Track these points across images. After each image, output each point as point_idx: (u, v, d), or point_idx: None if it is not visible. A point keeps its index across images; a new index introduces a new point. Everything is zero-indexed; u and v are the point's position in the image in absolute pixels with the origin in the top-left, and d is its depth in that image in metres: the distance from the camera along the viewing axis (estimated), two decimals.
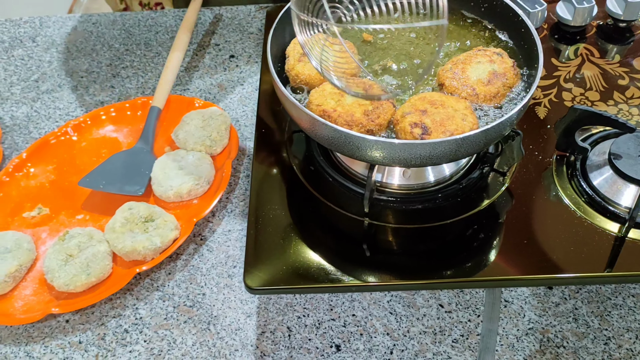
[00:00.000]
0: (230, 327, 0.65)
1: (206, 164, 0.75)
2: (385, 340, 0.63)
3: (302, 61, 0.63)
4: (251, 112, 0.85)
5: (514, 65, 0.61)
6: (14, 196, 0.76)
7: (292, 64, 0.65)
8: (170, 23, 1.00)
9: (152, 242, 0.68)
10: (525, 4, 0.79)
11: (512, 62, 0.61)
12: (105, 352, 0.64)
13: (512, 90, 0.61)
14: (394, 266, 0.62)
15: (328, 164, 0.68)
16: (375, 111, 0.57)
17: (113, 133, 0.83)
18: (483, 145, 0.56)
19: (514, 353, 0.61)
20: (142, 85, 0.91)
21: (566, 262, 0.59)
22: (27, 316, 0.65)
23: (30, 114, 0.88)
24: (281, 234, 0.63)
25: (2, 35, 1.00)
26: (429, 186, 0.66)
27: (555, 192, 0.64)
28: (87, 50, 0.96)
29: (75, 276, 0.65)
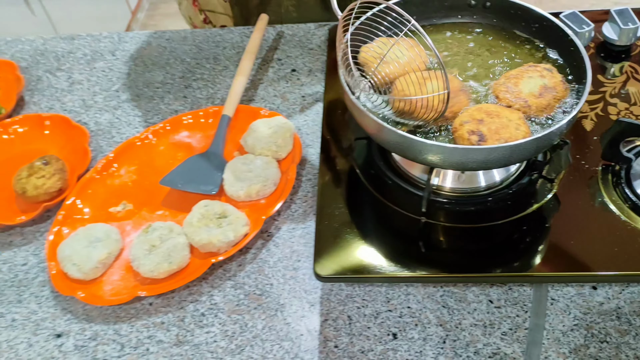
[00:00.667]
0: (295, 314, 0.71)
1: (273, 167, 0.83)
2: (439, 331, 0.68)
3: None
4: (312, 121, 0.92)
5: (563, 80, 0.67)
6: (101, 193, 0.84)
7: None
8: (237, 39, 1.08)
9: (225, 236, 0.75)
10: (573, 24, 0.84)
11: (561, 77, 0.67)
12: (184, 332, 0.71)
13: (562, 103, 0.67)
14: (447, 262, 0.68)
15: (387, 168, 0.74)
16: (452, 100, 0.64)
17: (187, 138, 0.91)
18: (534, 152, 0.61)
19: (560, 346, 0.66)
20: (212, 95, 0.99)
21: (610, 262, 0.63)
22: (116, 298, 0.73)
23: (112, 120, 0.97)
24: (345, 229, 0.70)
25: (85, 49, 1.10)
26: (481, 190, 0.72)
27: (601, 199, 0.69)
28: (161, 63, 1.06)
29: (158, 264, 0.73)
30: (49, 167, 0.83)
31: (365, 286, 0.72)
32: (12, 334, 0.73)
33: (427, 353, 0.66)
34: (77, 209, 0.82)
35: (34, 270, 0.79)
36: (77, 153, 0.89)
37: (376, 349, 0.67)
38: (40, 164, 0.84)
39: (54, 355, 0.70)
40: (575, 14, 0.86)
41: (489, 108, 0.64)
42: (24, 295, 0.76)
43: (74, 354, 0.70)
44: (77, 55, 1.09)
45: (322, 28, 1.07)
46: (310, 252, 0.76)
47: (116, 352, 0.70)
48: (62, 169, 0.84)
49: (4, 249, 0.82)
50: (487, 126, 0.62)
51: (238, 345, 0.69)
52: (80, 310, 0.74)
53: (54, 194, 0.83)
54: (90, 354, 0.70)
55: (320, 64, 1.01)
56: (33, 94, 1.03)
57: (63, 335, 0.72)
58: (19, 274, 0.79)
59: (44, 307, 0.75)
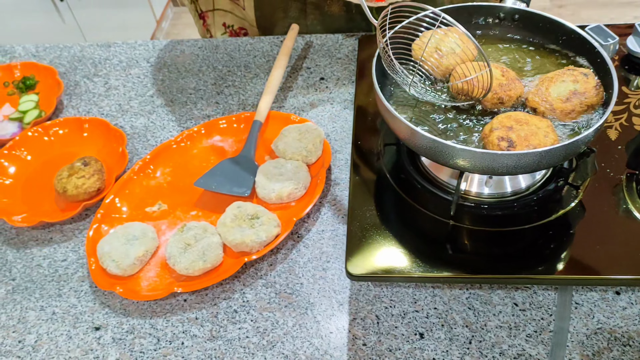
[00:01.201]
0: (325, 312, 0.74)
1: (303, 171, 0.85)
2: (465, 332, 0.70)
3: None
4: (340, 128, 0.95)
5: (597, 85, 0.69)
6: (137, 193, 0.88)
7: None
8: (267, 48, 1.12)
9: (258, 236, 0.77)
10: (598, 37, 0.87)
11: (596, 82, 0.69)
12: (218, 327, 0.74)
13: (590, 109, 0.69)
14: (473, 264, 0.70)
15: (417, 173, 0.77)
16: (509, 85, 0.69)
17: (220, 142, 0.94)
18: (562, 158, 0.64)
19: (584, 349, 0.67)
20: (243, 102, 1.02)
21: (634, 267, 0.65)
22: (152, 294, 0.76)
23: (147, 124, 1.00)
24: (375, 230, 0.72)
25: (120, 56, 1.14)
26: (507, 196, 0.74)
27: (625, 206, 0.71)
28: (194, 70, 1.09)
29: (193, 262, 0.76)
30: (89, 167, 0.87)
31: (393, 287, 0.74)
32: (53, 327, 0.76)
33: (454, 353, 0.68)
34: (115, 207, 0.85)
35: (74, 266, 0.82)
36: (114, 155, 0.93)
37: (403, 347, 0.69)
38: (80, 164, 0.87)
39: (93, 347, 0.73)
40: (601, 27, 0.88)
41: (518, 116, 0.66)
42: (63, 290, 0.80)
43: (111, 347, 0.73)
44: (113, 61, 1.13)
45: (350, 38, 1.10)
46: (339, 253, 0.79)
47: (152, 345, 0.73)
48: (101, 170, 0.88)
49: (45, 245, 0.85)
50: (517, 133, 0.64)
51: (269, 341, 0.72)
52: (118, 305, 0.77)
53: (92, 194, 0.86)
54: (128, 346, 0.73)
55: (348, 73, 1.04)
56: (71, 98, 1.07)
57: (101, 328, 0.75)
58: (59, 269, 0.82)
59: (82, 301, 0.78)
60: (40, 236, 0.86)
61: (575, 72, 0.70)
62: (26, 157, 0.95)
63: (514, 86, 0.70)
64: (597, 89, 0.69)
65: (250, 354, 0.71)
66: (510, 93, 0.67)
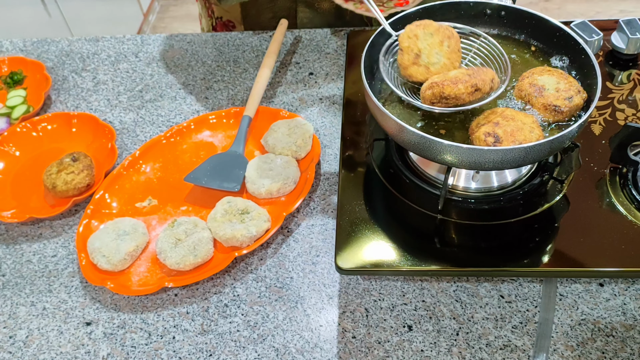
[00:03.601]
0: (315, 306, 0.74)
1: (293, 166, 0.86)
2: (452, 324, 0.71)
3: (416, 64, 0.73)
4: (329, 123, 0.96)
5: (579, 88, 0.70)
6: (128, 188, 0.88)
7: (407, 64, 0.74)
8: (256, 43, 1.12)
9: (248, 231, 0.78)
10: (583, 33, 0.88)
11: (577, 84, 0.70)
12: (209, 321, 0.74)
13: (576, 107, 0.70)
14: (460, 257, 0.71)
15: (405, 167, 0.78)
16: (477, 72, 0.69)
17: (209, 138, 0.95)
18: (547, 153, 0.65)
19: (568, 339, 0.69)
20: (232, 97, 1.03)
21: (617, 259, 0.67)
22: (143, 289, 0.76)
23: (136, 119, 1.00)
24: (364, 225, 0.73)
25: (109, 51, 1.14)
26: (494, 190, 0.75)
27: (609, 199, 0.73)
28: (183, 65, 1.09)
29: (184, 257, 0.76)
30: (78, 163, 0.87)
31: (382, 280, 0.75)
32: (43, 322, 0.76)
33: (441, 344, 0.70)
34: (105, 203, 0.86)
35: (64, 262, 0.82)
36: (103, 150, 0.93)
37: (392, 339, 0.70)
38: (69, 160, 0.87)
39: (84, 342, 0.74)
40: (585, 24, 0.90)
41: (504, 112, 0.67)
42: (54, 285, 0.80)
43: (103, 341, 0.74)
44: (101, 56, 1.13)
45: (338, 33, 1.11)
46: (329, 247, 0.80)
47: (143, 339, 0.73)
48: (90, 166, 0.88)
49: (34, 241, 0.85)
50: (503, 129, 0.65)
51: (260, 334, 0.72)
52: (109, 300, 0.78)
53: (82, 189, 0.86)
54: (119, 341, 0.73)
55: (337, 68, 1.04)
56: (59, 93, 1.06)
57: (92, 323, 0.76)
58: (49, 265, 0.82)
59: (73, 297, 0.78)
60: (30, 232, 0.86)
61: (555, 72, 0.71)
62: (14, 152, 0.95)
63: (483, 71, 0.70)
64: (579, 90, 0.70)
65: (241, 347, 0.71)
66: (482, 77, 0.68)
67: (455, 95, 0.67)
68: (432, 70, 0.73)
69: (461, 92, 0.67)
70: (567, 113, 0.69)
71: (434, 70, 0.73)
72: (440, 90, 0.67)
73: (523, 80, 0.72)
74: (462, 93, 0.67)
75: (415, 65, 0.73)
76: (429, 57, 0.72)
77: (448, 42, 0.73)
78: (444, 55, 0.73)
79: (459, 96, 0.67)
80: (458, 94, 0.67)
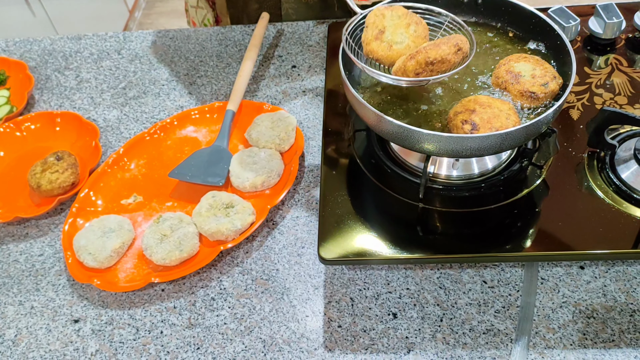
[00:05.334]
0: (301, 297, 0.75)
1: (277, 159, 0.87)
2: (436, 310, 0.72)
3: (379, 40, 0.72)
4: (312, 115, 0.96)
5: (555, 74, 0.71)
6: (112, 186, 0.88)
7: (369, 39, 0.73)
8: (238, 38, 1.12)
9: (233, 225, 0.79)
10: (560, 19, 0.89)
11: (553, 70, 0.71)
12: (196, 315, 0.75)
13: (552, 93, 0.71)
14: (443, 244, 0.72)
15: (386, 157, 0.78)
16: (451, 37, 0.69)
17: (193, 133, 0.95)
18: (524, 139, 0.66)
19: (550, 322, 0.70)
20: (216, 91, 1.03)
21: (596, 241, 0.68)
22: (130, 285, 0.77)
23: (120, 116, 1.01)
24: (347, 215, 0.74)
25: (91, 49, 1.14)
26: (474, 177, 0.76)
27: (587, 183, 0.74)
28: (166, 61, 1.09)
29: (170, 252, 0.77)
30: (62, 162, 0.87)
31: (367, 269, 0.76)
32: (32, 321, 0.77)
33: (426, 331, 0.71)
34: (90, 201, 0.86)
35: (50, 260, 0.83)
36: (88, 148, 0.93)
37: (377, 327, 0.71)
38: (54, 159, 0.87)
39: (72, 339, 0.74)
40: (563, 9, 0.90)
41: (481, 99, 0.68)
42: (41, 284, 0.80)
43: (91, 338, 0.74)
44: (84, 54, 1.13)
45: (321, 25, 1.11)
46: (314, 239, 0.80)
47: (132, 335, 0.74)
48: (74, 164, 0.88)
49: (21, 240, 0.85)
50: (480, 116, 0.66)
51: (247, 326, 0.73)
52: (96, 297, 0.78)
53: (67, 188, 0.87)
54: (107, 337, 0.74)
55: (320, 60, 1.05)
56: (42, 92, 1.06)
57: (80, 320, 0.76)
58: (36, 264, 0.83)
59: (60, 295, 0.79)
60: (16, 232, 0.87)
61: (531, 59, 0.72)
62: None
63: (455, 36, 0.69)
64: (553, 75, 0.70)
65: (228, 339, 0.72)
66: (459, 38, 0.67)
67: (442, 58, 0.66)
68: (395, 49, 0.72)
69: (446, 52, 0.65)
70: (543, 99, 0.70)
71: (396, 50, 0.72)
72: (425, 56, 0.66)
73: (500, 67, 0.73)
74: (447, 54, 0.65)
75: (378, 40, 0.71)
76: (393, 36, 0.72)
77: (415, 27, 0.72)
78: (410, 38, 0.72)
79: (445, 57, 0.66)
80: (444, 56, 0.65)
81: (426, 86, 0.74)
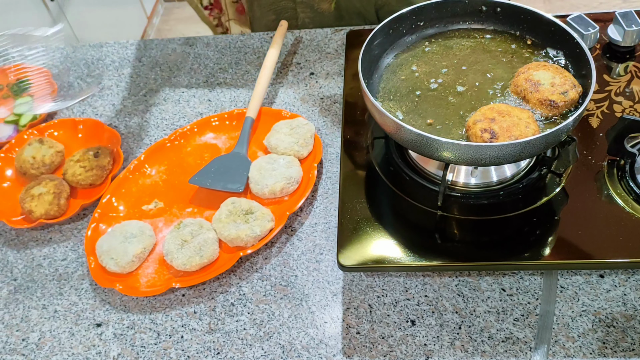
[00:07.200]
0: (319, 303, 0.76)
1: (295, 166, 0.87)
2: (455, 318, 0.72)
3: None
4: (330, 122, 0.97)
5: (574, 82, 0.71)
6: (134, 192, 0.90)
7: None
8: (257, 45, 1.13)
9: (252, 231, 0.80)
10: (579, 27, 0.89)
11: (572, 78, 0.71)
12: (216, 320, 0.76)
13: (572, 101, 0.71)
14: (461, 252, 0.72)
15: (405, 165, 0.79)
16: None
17: (213, 140, 0.96)
18: (543, 148, 0.66)
19: (569, 331, 0.70)
20: (235, 98, 1.04)
21: (615, 250, 0.67)
22: (151, 290, 0.78)
23: (141, 123, 1.02)
24: (366, 222, 0.74)
25: (113, 56, 1.16)
26: (493, 185, 0.76)
27: (607, 192, 0.73)
28: (186, 69, 1.11)
29: (190, 257, 0.78)
30: (96, 160, 0.89)
31: (385, 276, 0.76)
32: (55, 324, 0.78)
33: (444, 338, 0.71)
34: (112, 207, 0.87)
35: (73, 265, 0.84)
36: None
37: (396, 334, 0.72)
38: (92, 154, 0.90)
39: (95, 343, 0.76)
40: (581, 17, 0.90)
41: (500, 108, 0.68)
42: (64, 288, 0.82)
43: (113, 342, 0.75)
44: (105, 62, 1.15)
45: (338, 33, 1.12)
46: (332, 245, 0.81)
47: (153, 339, 0.75)
48: (103, 167, 0.90)
49: (44, 245, 0.87)
50: (499, 124, 0.66)
51: (266, 332, 0.74)
52: (118, 302, 0.79)
53: (85, 186, 0.89)
54: (129, 341, 0.75)
55: (337, 67, 1.05)
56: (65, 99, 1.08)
57: (103, 324, 0.77)
58: (59, 268, 0.84)
59: (83, 299, 0.80)
60: (40, 236, 0.88)
61: (551, 67, 0.72)
62: None
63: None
64: (573, 83, 0.71)
65: (247, 345, 0.73)
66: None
67: None
68: None
69: None
70: (563, 107, 0.70)
71: None
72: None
73: (519, 76, 0.73)
74: None
75: None
76: None
77: None
78: None
79: None
80: None
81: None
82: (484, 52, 0.80)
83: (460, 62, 0.80)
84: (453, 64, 0.80)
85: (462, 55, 0.80)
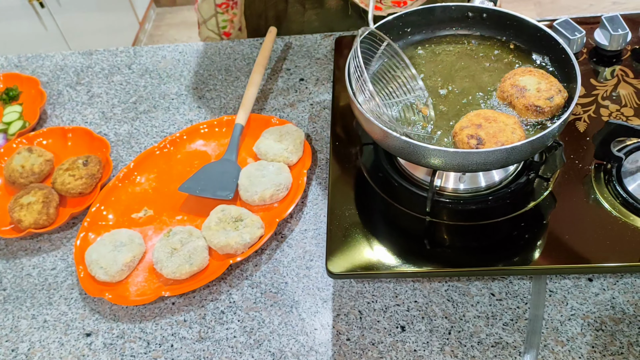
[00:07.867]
0: (309, 310, 0.76)
1: (285, 172, 0.87)
2: (444, 323, 0.73)
3: None
4: (320, 128, 0.97)
5: (560, 87, 0.71)
6: (123, 200, 0.90)
7: None
8: (247, 51, 1.13)
9: (242, 238, 0.79)
10: (566, 31, 0.89)
11: (558, 83, 0.72)
12: (206, 328, 0.76)
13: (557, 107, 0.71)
14: (450, 258, 0.72)
15: (394, 171, 0.79)
16: None
17: (203, 147, 0.96)
18: (529, 153, 0.66)
19: (558, 335, 0.70)
20: (224, 105, 1.04)
21: (603, 254, 0.68)
22: (141, 298, 0.78)
23: (131, 131, 1.02)
24: (355, 229, 0.74)
25: (102, 64, 1.16)
26: (481, 190, 0.77)
27: (594, 196, 0.74)
28: (175, 75, 1.11)
29: (180, 266, 0.78)
30: (85, 169, 0.89)
31: (375, 282, 0.76)
32: (44, 334, 0.78)
33: (434, 344, 0.71)
34: (101, 215, 0.87)
35: (63, 274, 0.84)
36: None
37: (386, 340, 0.72)
38: (81, 162, 0.90)
39: (84, 353, 0.75)
40: (568, 22, 0.91)
41: (486, 114, 0.69)
42: (54, 298, 0.81)
43: (103, 352, 0.75)
44: (95, 69, 1.14)
45: (328, 38, 1.12)
46: (322, 252, 0.81)
47: (142, 348, 0.75)
48: (92, 175, 0.89)
49: (33, 254, 0.87)
50: (485, 130, 0.66)
51: (256, 340, 0.74)
52: (108, 311, 0.79)
53: (74, 194, 0.89)
54: (119, 351, 0.75)
55: (327, 73, 1.06)
56: (55, 107, 1.08)
57: (92, 334, 0.77)
58: (49, 278, 0.84)
59: (73, 309, 0.80)
60: (29, 246, 0.88)
61: (536, 72, 0.73)
62: None
63: None
64: (559, 89, 0.71)
65: (238, 353, 0.73)
66: None
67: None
68: None
69: None
70: (549, 113, 0.70)
71: None
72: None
73: (505, 81, 0.74)
74: None
75: None
76: None
77: None
78: None
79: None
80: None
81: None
82: (470, 58, 0.81)
83: (447, 68, 0.80)
84: (440, 69, 0.80)
85: (449, 61, 0.81)
